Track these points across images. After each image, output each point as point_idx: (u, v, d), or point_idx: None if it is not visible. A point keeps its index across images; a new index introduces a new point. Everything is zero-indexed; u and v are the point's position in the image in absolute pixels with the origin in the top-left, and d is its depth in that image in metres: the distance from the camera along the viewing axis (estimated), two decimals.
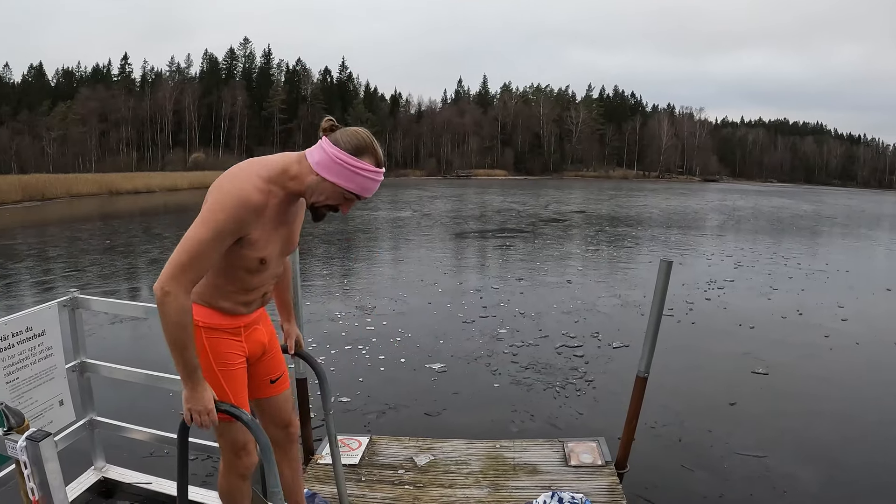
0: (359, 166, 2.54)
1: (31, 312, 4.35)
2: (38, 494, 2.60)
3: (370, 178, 2.60)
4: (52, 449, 2.57)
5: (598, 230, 25.93)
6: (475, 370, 8.52)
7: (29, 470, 2.57)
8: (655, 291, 4.55)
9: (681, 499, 5.10)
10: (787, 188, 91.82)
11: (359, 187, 2.59)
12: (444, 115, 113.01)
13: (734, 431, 6.45)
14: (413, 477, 4.73)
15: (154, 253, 20.15)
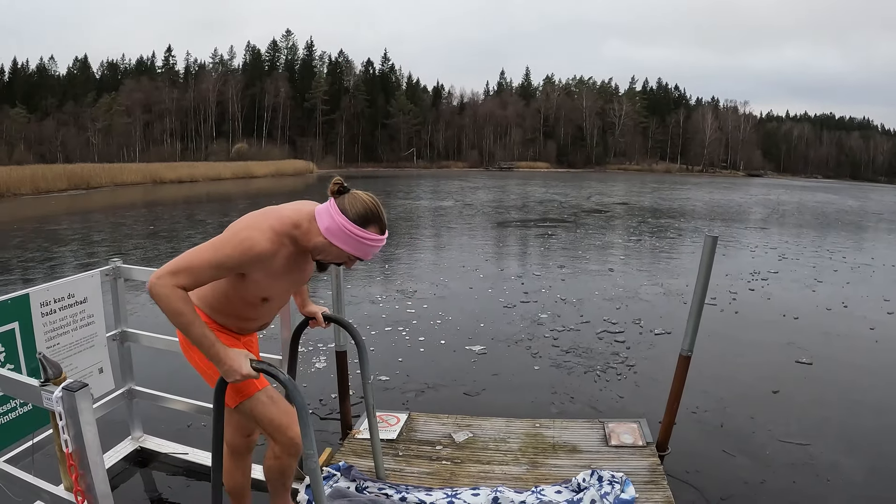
0: (364, 236, 2.76)
1: (73, 279, 4.36)
2: (72, 446, 2.56)
3: (374, 245, 2.82)
4: (89, 400, 2.52)
5: (640, 221, 25.65)
6: (515, 353, 8.43)
7: (64, 421, 2.53)
8: (700, 267, 4.44)
9: (722, 483, 4.96)
10: (833, 184, 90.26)
11: (362, 253, 2.82)
12: (487, 107, 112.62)
13: (777, 419, 6.28)
14: (451, 453, 4.69)
15: (197, 238, 20.26)
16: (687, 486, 4.82)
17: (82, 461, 2.57)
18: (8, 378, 2.75)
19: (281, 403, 3.08)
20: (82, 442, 2.53)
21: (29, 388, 2.65)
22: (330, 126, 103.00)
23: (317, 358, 8.06)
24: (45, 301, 4.09)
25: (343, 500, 3.99)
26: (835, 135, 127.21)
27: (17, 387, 2.74)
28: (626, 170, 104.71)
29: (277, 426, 3.06)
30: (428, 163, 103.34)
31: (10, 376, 2.76)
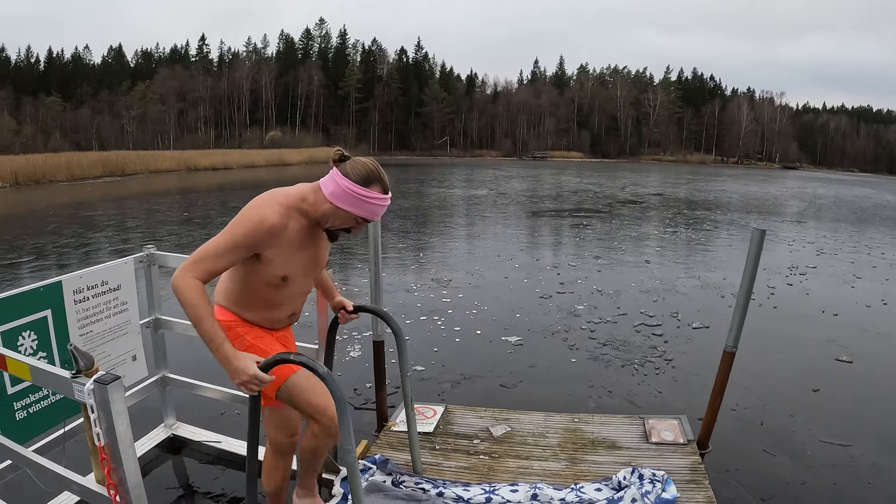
0: (368, 195, 2.83)
1: (107, 266, 4.30)
2: (104, 440, 2.48)
3: (378, 204, 2.88)
4: (121, 392, 2.44)
5: (675, 213, 25.38)
6: (552, 344, 8.34)
7: (96, 414, 2.46)
8: (747, 261, 4.28)
9: (763, 483, 4.83)
10: (870, 178, 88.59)
11: (368, 213, 2.88)
12: (521, 96, 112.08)
13: (817, 418, 6.13)
14: (489, 447, 4.58)
15: None
16: (728, 486, 4.72)
17: (114, 454, 2.51)
18: (39, 369, 2.68)
19: (317, 386, 3.04)
20: (114, 435, 2.46)
21: (60, 380, 2.57)
22: (363, 114, 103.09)
23: (352, 346, 8.02)
24: (78, 288, 4.04)
25: (379, 495, 3.91)
26: (872, 128, 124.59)
27: (49, 378, 2.66)
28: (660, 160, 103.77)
29: (316, 407, 3.07)
30: (461, 151, 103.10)
31: (41, 367, 2.69)
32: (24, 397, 3.71)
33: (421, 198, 29.65)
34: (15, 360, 2.77)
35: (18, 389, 3.66)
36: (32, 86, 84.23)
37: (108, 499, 2.61)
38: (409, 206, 25.65)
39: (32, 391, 3.73)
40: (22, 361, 2.73)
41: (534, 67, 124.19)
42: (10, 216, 23.70)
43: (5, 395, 3.60)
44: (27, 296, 3.71)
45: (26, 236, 17.61)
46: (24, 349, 3.67)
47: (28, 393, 3.72)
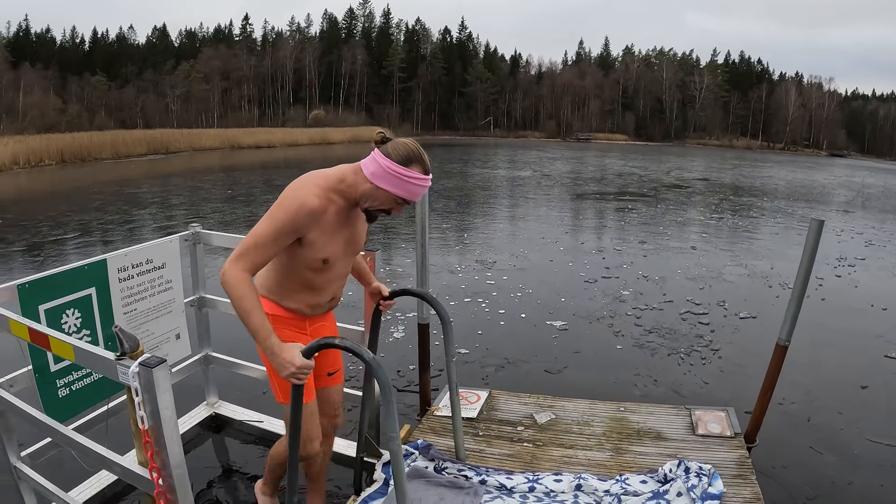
0: (409, 175, 2.80)
1: (152, 244, 4.28)
2: (147, 423, 2.44)
3: (419, 184, 2.85)
4: (167, 377, 2.40)
5: (721, 198, 24.95)
6: (597, 330, 8.25)
7: (140, 398, 2.41)
8: (804, 252, 4.12)
9: (809, 481, 4.69)
10: None
11: (409, 193, 2.85)
12: (565, 77, 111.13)
13: (865, 416, 5.95)
14: (532, 434, 4.51)
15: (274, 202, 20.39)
16: (773, 482, 4.59)
17: (158, 438, 2.48)
18: (83, 350, 2.65)
19: (313, 422, 3.18)
20: (159, 419, 2.43)
21: (105, 362, 2.53)
22: (407, 94, 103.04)
23: (395, 327, 8.00)
24: (122, 266, 4.02)
25: (421, 481, 3.87)
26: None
27: (93, 359, 2.63)
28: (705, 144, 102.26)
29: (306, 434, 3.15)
30: (505, 132, 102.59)
31: (85, 348, 2.65)
32: (67, 374, 3.70)
33: (464, 178, 29.55)
34: (59, 340, 2.74)
35: (61, 367, 3.65)
36: (78, 66, 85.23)
37: (151, 481, 2.58)
38: (452, 187, 25.57)
39: (75, 369, 3.71)
40: (66, 342, 2.70)
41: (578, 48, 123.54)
42: (56, 193, 23.99)
43: (48, 372, 3.59)
44: (71, 274, 3.70)
45: (71, 213, 17.81)
46: (68, 327, 3.66)
47: (71, 370, 3.71)
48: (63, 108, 71.92)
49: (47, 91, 73.32)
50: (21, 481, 3.66)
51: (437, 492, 3.78)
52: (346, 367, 6.57)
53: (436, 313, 3.72)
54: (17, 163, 32.87)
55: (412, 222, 4.59)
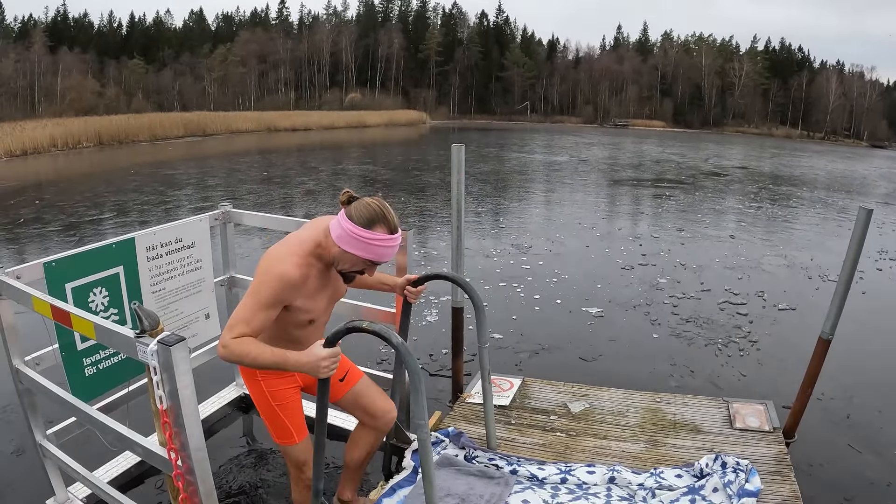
0: (372, 238, 2.77)
1: (181, 223, 4.23)
2: (166, 403, 2.37)
3: (384, 245, 2.81)
4: (185, 356, 2.32)
5: (760, 187, 24.50)
6: (633, 318, 8.13)
7: (158, 376, 2.34)
8: (850, 243, 3.97)
9: (847, 481, 4.53)
10: None
11: (376, 255, 2.82)
12: (603, 62, 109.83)
13: None
14: (566, 424, 4.41)
15: (309, 184, 20.50)
16: (811, 480, 4.42)
17: (177, 418, 2.42)
18: (103, 327, 2.59)
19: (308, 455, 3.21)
20: (178, 398, 2.36)
21: (124, 339, 2.47)
22: (443, 77, 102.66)
23: (429, 311, 7.96)
24: (151, 245, 3.98)
25: (451, 469, 3.79)
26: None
27: (112, 336, 2.57)
28: (744, 133, 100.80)
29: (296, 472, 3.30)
30: (542, 117, 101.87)
31: (105, 325, 2.60)
32: (94, 353, 3.67)
33: (501, 162, 29.37)
34: (80, 318, 2.69)
35: (88, 346, 3.62)
36: (115, 49, 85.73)
37: (170, 462, 2.52)
38: (488, 171, 25.44)
39: (102, 348, 3.69)
40: (87, 319, 2.64)
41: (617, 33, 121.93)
42: (93, 174, 24.17)
43: (75, 350, 3.56)
44: (99, 252, 3.67)
45: (108, 193, 17.98)
46: (95, 306, 3.63)
47: (98, 349, 3.67)
48: (101, 92, 72.45)
49: (85, 75, 73.88)
50: (46, 459, 3.64)
51: (466, 481, 3.70)
52: (378, 351, 6.57)
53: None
54: (55, 145, 33.21)
55: (447, 206, 4.48)
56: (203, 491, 2.57)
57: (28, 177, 23.34)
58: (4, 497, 4.18)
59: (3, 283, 3.17)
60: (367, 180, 21.89)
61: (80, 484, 3.85)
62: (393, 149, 38.69)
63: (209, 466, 2.58)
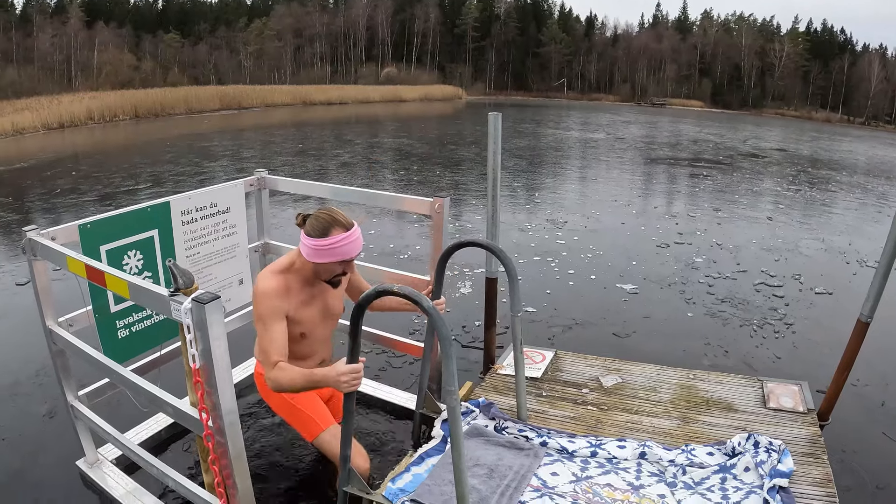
0: (332, 242, 3.05)
1: (216, 188, 4.23)
2: (199, 362, 2.36)
3: (345, 244, 3.07)
4: (219, 315, 2.31)
5: (799, 170, 24.05)
6: (668, 296, 8.04)
7: (192, 335, 2.33)
8: (893, 226, 3.86)
9: (880, 468, 4.41)
10: None
11: (343, 255, 3.09)
12: (641, 40, 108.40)
13: None
14: (597, 398, 4.37)
15: (345, 157, 20.49)
16: (843, 465, 4.34)
17: (209, 378, 2.41)
18: (137, 286, 2.59)
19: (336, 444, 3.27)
20: (210, 358, 2.35)
21: (158, 297, 2.47)
22: (480, 53, 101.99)
23: (462, 282, 7.95)
24: (186, 209, 3.98)
25: (480, 440, 3.77)
26: None
27: (147, 295, 2.57)
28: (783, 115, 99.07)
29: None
30: (578, 94, 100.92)
31: (139, 284, 2.60)
32: (128, 316, 3.68)
33: (537, 138, 29.12)
34: (114, 277, 2.69)
35: (121, 308, 3.63)
36: (151, 24, 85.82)
37: (200, 422, 2.52)
38: (524, 146, 25.25)
39: (135, 310, 3.70)
40: (121, 278, 2.64)
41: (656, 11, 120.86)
42: (129, 146, 24.40)
43: (108, 312, 3.57)
44: (134, 215, 3.68)
45: (144, 164, 18.10)
46: (130, 268, 3.65)
47: (131, 312, 3.69)
48: (137, 66, 72.70)
49: (121, 49, 74.15)
50: (77, 420, 3.67)
51: (495, 452, 3.67)
52: (411, 321, 6.56)
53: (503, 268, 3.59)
54: (91, 118, 33.44)
55: (483, 180, 4.41)
56: (233, 453, 2.57)
57: (64, 149, 23.53)
58: (36, 457, 4.22)
59: (38, 244, 3.19)
60: (402, 153, 21.85)
61: (109, 445, 3.89)
62: (428, 123, 38.51)
63: (240, 428, 2.57)
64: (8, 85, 48.00)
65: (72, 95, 42.14)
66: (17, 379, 5.33)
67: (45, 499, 3.80)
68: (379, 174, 17.45)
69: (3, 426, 4.64)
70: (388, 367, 5.75)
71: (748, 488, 3.36)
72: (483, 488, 3.33)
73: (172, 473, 3.14)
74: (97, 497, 3.76)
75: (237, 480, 2.64)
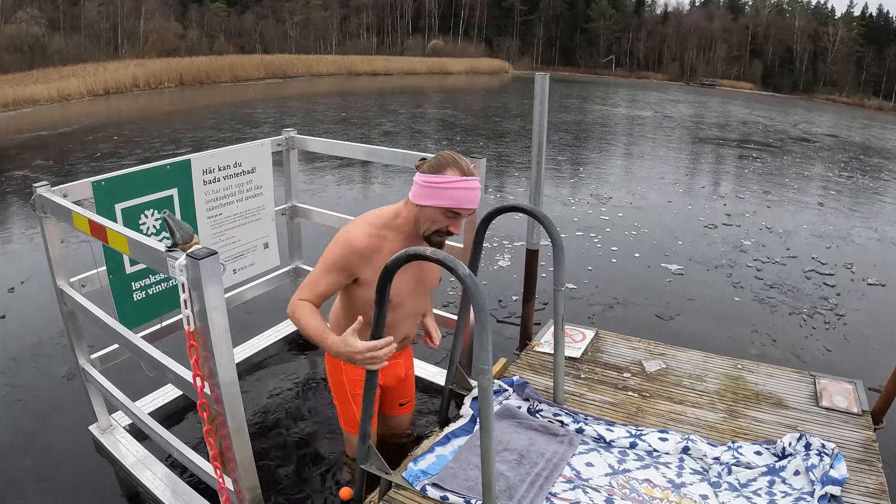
0: (444, 182, 2.65)
1: (241, 147, 4.02)
2: (194, 324, 2.14)
3: (459, 188, 2.66)
4: (216, 271, 2.07)
5: (851, 157, 23.36)
6: (715, 279, 7.78)
7: (187, 294, 2.10)
8: None
9: None
10: None
11: (453, 201, 2.67)
12: (692, 18, 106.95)
13: None
14: (639, 383, 4.08)
15: (387, 126, 20.38)
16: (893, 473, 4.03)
17: (206, 342, 2.17)
18: (135, 240, 2.37)
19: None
20: (206, 320, 2.11)
21: (154, 253, 2.24)
22: (527, 27, 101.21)
23: (501, 255, 7.78)
24: (208, 168, 3.79)
25: (511, 421, 3.53)
26: None
27: (144, 250, 2.35)
28: (834, 101, 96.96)
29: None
30: (626, 72, 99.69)
31: (137, 238, 2.37)
32: (144, 278, 3.52)
33: (583, 113, 28.86)
34: (115, 232, 2.48)
35: (137, 270, 3.46)
36: None
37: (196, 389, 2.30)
38: (570, 121, 24.97)
39: (152, 272, 3.52)
40: (121, 233, 2.43)
41: None
42: (173, 112, 24.46)
43: (123, 273, 3.40)
44: (152, 172, 3.51)
45: (185, 130, 18.13)
46: (147, 228, 3.48)
47: (148, 273, 3.52)
48: (183, 34, 73.04)
49: (168, 17, 74.49)
50: (89, 384, 3.52)
51: (527, 436, 3.42)
52: (445, 292, 6.35)
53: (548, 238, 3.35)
54: (136, 85, 33.82)
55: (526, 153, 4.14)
56: (232, 425, 2.35)
57: (108, 114, 23.71)
58: (51, 419, 4.15)
59: (46, 200, 3.02)
60: (445, 124, 21.70)
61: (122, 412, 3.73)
62: (474, 95, 38.25)
63: (240, 397, 2.36)
64: (55, 53, 48.74)
65: (117, 63, 42.58)
66: (40, 339, 5.30)
67: (53, 463, 3.69)
68: (421, 143, 17.35)
69: (22, 386, 4.60)
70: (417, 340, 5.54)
71: (797, 494, 3.07)
72: (511, 475, 3.07)
73: (178, 444, 2.96)
74: (108, 464, 3.63)
75: (237, 454, 2.42)
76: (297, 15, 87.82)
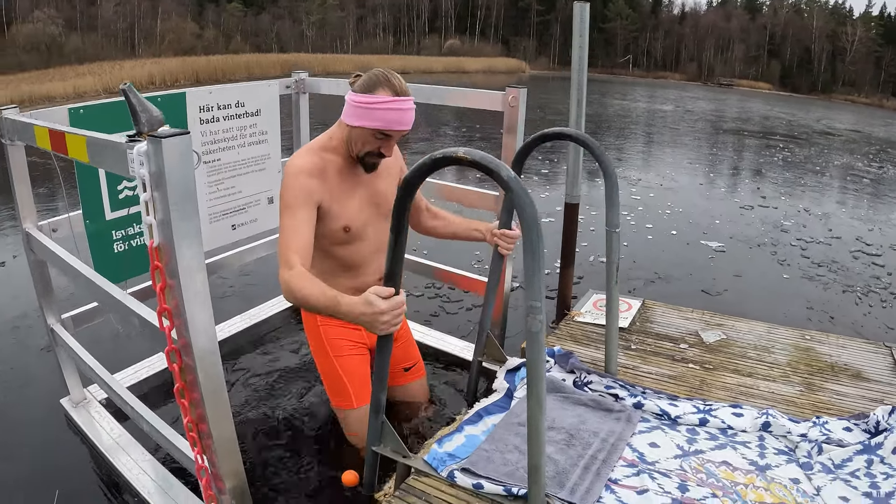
0: (373, 101, 2.46)
1: (245, 85, 3.51)
2: (157, 237, 1.56)
3: (389, 108, 2.46)
4: (187, 158, 1.50)
5: (878, 149, 22.88)
6: (759, 256, 7.41)
7: (148, 194, 1.53)
8: None
9: None
10: None
11: (383, 122, 2.48)
12: (709, 18, 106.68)
13: None
14: (699, 355, 3.58)
15: None
16: None
17: (170, 260, 1.58)
18: (95, 140, 1.80)
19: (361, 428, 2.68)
20: (170, 230, 1.53)
21: (115, 148, 1.67)
22: (544, 27, 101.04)
23: None
24: (205, 105, 3.28)
25: (556, 396, 3.01)
26: None
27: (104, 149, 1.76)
28: (853, 101, 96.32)
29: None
30: (643, 72, 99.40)
31: (98, 136, 1.81)
32: (127, 226, 3.03)
33: (603, 107, 28.65)
34: (73, 136, 1.92)
35: (119, 216, 2.96)
36: None
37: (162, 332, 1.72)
38: (590, 113, 24.58)
39: (136, 220, 3.00)
40: (80, 135, 1.87)
41: None
42: None
43: (103, 220, 2.91)
44: None
45: None
46: None
47: (132, 222, 3.02)
48: (200, 34, 73.18)
49: (184, 17, 74.63)
50: (58, 347, 3.00)
51: (575, 412, 2.90)
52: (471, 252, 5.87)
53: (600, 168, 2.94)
54: (153, 82, 33.75)
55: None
56: (206, 384, 1.77)
57: None
58: (23, 391, 3.75)
59: (13, 122, 2.49)
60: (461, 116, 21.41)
61: None
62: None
63: (217, 350, 1.77)
64: (72, 51, 49.11)
65: (133, 61, 42.95)
66: (24, 311, 4.94)
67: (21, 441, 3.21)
68: (440, 130, 17.04)
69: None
70: (441, 312, 5.18)
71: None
72: (561, 459, 2.54)
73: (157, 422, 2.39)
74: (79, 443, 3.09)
75: (212, 426, 1.83)
76: (314, 15, 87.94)
